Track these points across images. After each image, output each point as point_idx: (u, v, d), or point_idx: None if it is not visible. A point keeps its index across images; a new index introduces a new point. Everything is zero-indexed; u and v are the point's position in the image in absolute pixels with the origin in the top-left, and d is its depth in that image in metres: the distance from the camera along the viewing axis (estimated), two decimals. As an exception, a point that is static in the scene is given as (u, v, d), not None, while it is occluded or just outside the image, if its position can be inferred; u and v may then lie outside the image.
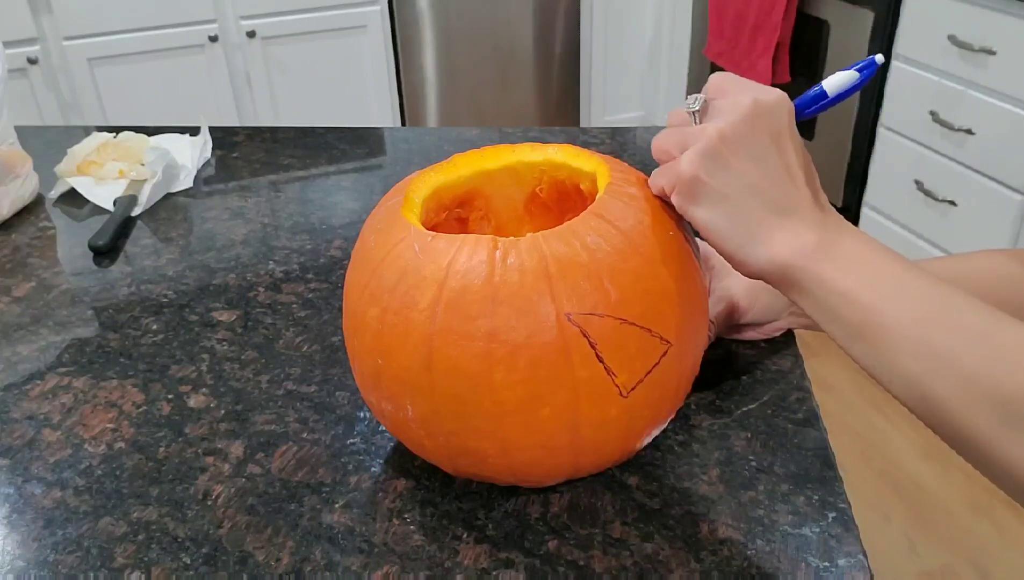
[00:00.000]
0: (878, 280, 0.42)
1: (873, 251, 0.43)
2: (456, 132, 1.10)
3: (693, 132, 0.45)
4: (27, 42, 2.12)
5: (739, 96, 0.45)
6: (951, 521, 1.58)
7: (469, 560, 0.49)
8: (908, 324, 0.41)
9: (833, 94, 0.48)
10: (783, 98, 0.45)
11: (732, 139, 0.44)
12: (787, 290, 0.45)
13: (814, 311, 0.44)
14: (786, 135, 0.45)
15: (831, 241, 0.44)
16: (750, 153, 0.44)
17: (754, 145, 0.44)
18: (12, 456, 0.59)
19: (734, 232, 0.44)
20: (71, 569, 0.50)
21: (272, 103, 2.45)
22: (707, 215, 0.45)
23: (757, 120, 0.44)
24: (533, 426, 0.46)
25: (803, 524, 0.51)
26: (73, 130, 1.18)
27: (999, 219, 1.73)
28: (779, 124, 0.45)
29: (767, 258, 0.44)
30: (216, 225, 0.89)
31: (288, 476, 0.56)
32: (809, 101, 0.49)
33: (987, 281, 0.58)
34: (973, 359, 0.39)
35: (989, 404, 0.38)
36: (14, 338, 0.72)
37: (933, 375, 0.40)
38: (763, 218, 0.44)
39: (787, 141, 0.45)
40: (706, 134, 0.44)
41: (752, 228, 0.44)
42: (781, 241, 0.44)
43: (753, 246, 0.44)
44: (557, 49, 2.79)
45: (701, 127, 0.45)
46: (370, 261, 0.49)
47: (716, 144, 0.44)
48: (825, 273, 0.43)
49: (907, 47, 1.88)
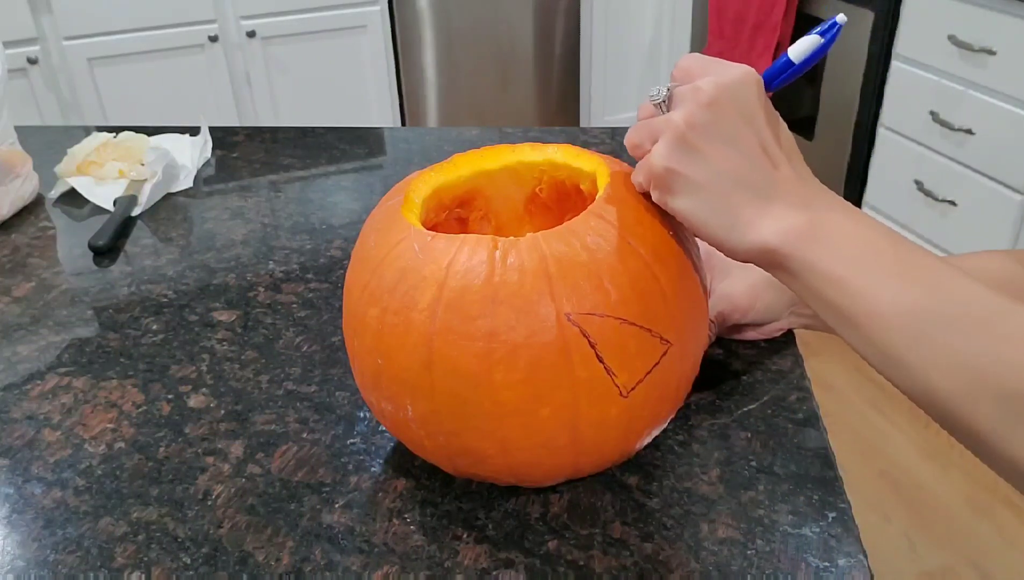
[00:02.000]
0: (869, 263, 0.40)
1: (863, 229, 0.42)
2: (456, 132, 1.10)
3: (659, 123, 0.44)
4: (27, 42, 2.12)
5: (702, 80, 0.43)
6: (951, 521, 1.58)
7: (469, 560, 0.49)
8: (903, 313, 0.39)
9: (799, 61, 0.46)
10: (748, 73, 0.44)
11: (699, 125, 0.42)
12: (777, 274, 0.44)
13: (805, 296, 0.43)
14: (756, 111, 0.43)
15: (818, 221, 0.42)
16: (720, 136, 0.42)
17: (723, 127, 0.42)
18: (12, 456, 0.59)
19: (716, 220, 0.43)
20: (71, 569, 0.50)
21: (272, 103, 2.45)
22: (686, 205, 0.44)
23: (723, 101, 0.42)
24: (533, 426, 0.46)
25: (803, 524, 0.51)
26: (73, 130, 1.18)
27: (999, 219, 1.73)
28: (747, 101, 0.43)
29: (752, 242, 0.42)
30: (216, 225, 0.89)
31: (288, 476, 0.56)
32: (776, 71, 0.47)
33: (987, 281, 0.58)
34: (975, 351, 0.37)
35: (993, 399, 0.36)
36: (14, 338, 0.72)
37: (932, 367, 0.38)
38: (743, 201, 0.43)
39: (758, 116, 0.43)
40: (672, 124, 0.43)
41: (734, 213, 0.43)
42: (765, 225, 0.42)
43: (737, 231, 0.43)
44: (557, 49, 2.79)
45: (666, 117, 0.44)
46: (370, 261, 0.49)
47: (684, 132, 0.42)
48: (813, 257, 0.41)
49: (907, 47, 1.88)
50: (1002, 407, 0.36)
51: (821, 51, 0.46)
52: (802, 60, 0.46)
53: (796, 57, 0.46)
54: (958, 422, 0.38)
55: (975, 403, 0.37)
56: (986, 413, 0.37)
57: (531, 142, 0.59)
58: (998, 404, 0.36)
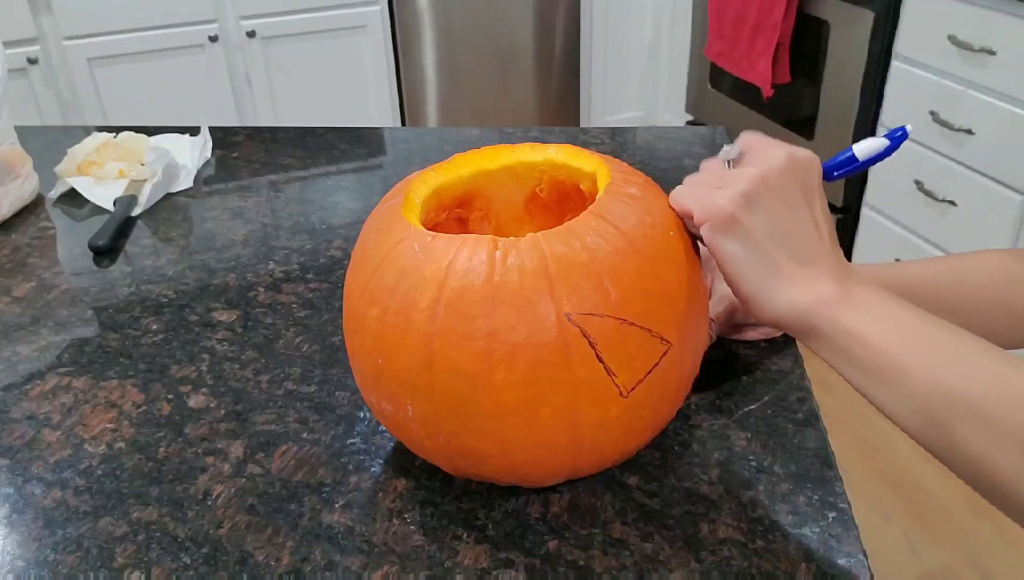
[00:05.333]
0: (894, 326, 0.44)
1: (888, 300, 0.45)
2: (456, 132, 1.10)
3: (731, 175, 0.48)
4: (27, 42, 2.12)
5: (774, 151, 0.48)
6: (951, 521, 1.58)
7: (469, 560, 0.49)
8: (926, 366, 0.42)
9: (863, 158, 0.50)
10: (813, 158, 0.48)
11: (771, 184, 0.46)
12: (803, 336, 0.47)
13: (830, 355, 0.46)
14: (815, 191, 0.48)
15: (848, 290, 0.46)
16: (785, 200, 0.46)
17: (789, 194, 0.47)
18: (12, 456, 0.59)
19: (756, 274, 0.46)
20: (71, 569, 0.50)
21: (272, 103, 2.46)
22: (734, 251, 0.46)
23: (792, 172, 0.47)
24: (533, 426, 0.46)
25: (803, 524, 0.51)
26: (73, 130, 1.18)
27: (999, 219, 1.73)
28: (810, 179, 0.48)
29: (786, 303, 0.46)
30: (216, 225, 0.89)
31: (288, 476, 0.56)
32: (839, 164, 0.51)
33: (987, 280, 0.58)
34: (994, 402, 0.40)
35: (1016, 447, 0.39)
36: (14, 338, 0.72)
37: (955, 417, 0.41)
38: (785, 266, 0.46)
39: (815, 196, 0.48)
40: (748, 176, 0.46)
41: (773, 274, 0.46)
42: (801, 289, 0.46)
43: (772, 292, 0.46)
44: (557, 49, 2.79)
45: (740, 170, 0.47)
46: (370, 261, 0.49)
47: (757, 186, 0.46)
48: (842, 318, 0.45)
49: (907, 47, 1.88)
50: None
51: (886, 153, 0.50)
52: (865, 158, 0.50)
53: (861, 155, 0.50)
54: (982, 471, 0.40)
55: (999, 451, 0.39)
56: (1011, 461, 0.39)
57: (531, 142, 0.59)
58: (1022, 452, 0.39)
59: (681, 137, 1.06)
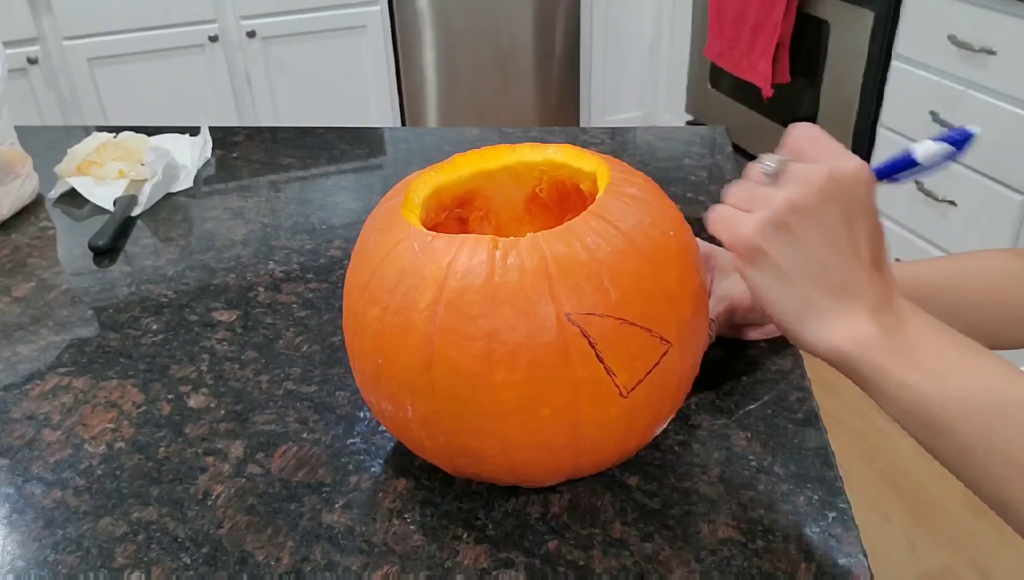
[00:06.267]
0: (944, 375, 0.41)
1: (937, 336, 0.43)
2: (456, 132, 1.10)
3: (763, 195, 0.44)
4: (27, 42, 2.12)
5: (815, 167, 0.43)
6: (951, 521, 1.58)
7: (469, 560, 0.49)
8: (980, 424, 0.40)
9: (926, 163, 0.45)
10: (862, 169, 0.43)
11: (802, 211, 0.42)
12: (848, 375, 0.44)
13: (879, 400, 0.43)
14: (859, 211, 0.43)
15: (888, 329, 0.42)
16: (819, 227, 0.42)
17: (824, 220, 0.42)
18: (12, 456, 0.59)
19: (790, 307, 0.44)
20: (71, 569, 0.50)
21: (272, 103, 2.45)
22: (763, 282, 0.44)
23: (831, 194, 0.42)
24: (533, 426, 0.46)
25: (803, 524, 0.51)
26: (73, 130, 1.18)
27: (999, 219, 1.73)
28: (853, 199, 0.43)
29: (825, 343, 0.43)
30: (216, 225, 0.89)
31: (288, 476, 0.56)
32: (897, 167, 0.46)
33: (988, 281, 0.58)
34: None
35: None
36: (14, 338, 0.72)
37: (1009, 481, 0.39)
38: (817, 300, 0.43)
39: (858, 217, 0.43)
40: (775, 202, 0.43)
41: (805, 308, 0.43)
42: (838, 327, 0.43)
43: (808, 326, 0.44)
44: (557, 49, 2.79)
45: (772, 192, 0.43)
46: (370, 261, 0.49)
47: (785, 214, 0.42)
48: (888, 366, 0.42)
49: (907, 47, 1.88)
50: None
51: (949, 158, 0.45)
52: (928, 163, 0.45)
53: (923, 159, 0.45)
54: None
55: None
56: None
57: (531, 142, 0.59)
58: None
59: (681, 137, 1.06)
